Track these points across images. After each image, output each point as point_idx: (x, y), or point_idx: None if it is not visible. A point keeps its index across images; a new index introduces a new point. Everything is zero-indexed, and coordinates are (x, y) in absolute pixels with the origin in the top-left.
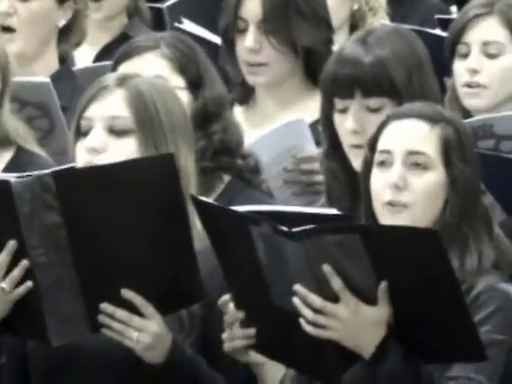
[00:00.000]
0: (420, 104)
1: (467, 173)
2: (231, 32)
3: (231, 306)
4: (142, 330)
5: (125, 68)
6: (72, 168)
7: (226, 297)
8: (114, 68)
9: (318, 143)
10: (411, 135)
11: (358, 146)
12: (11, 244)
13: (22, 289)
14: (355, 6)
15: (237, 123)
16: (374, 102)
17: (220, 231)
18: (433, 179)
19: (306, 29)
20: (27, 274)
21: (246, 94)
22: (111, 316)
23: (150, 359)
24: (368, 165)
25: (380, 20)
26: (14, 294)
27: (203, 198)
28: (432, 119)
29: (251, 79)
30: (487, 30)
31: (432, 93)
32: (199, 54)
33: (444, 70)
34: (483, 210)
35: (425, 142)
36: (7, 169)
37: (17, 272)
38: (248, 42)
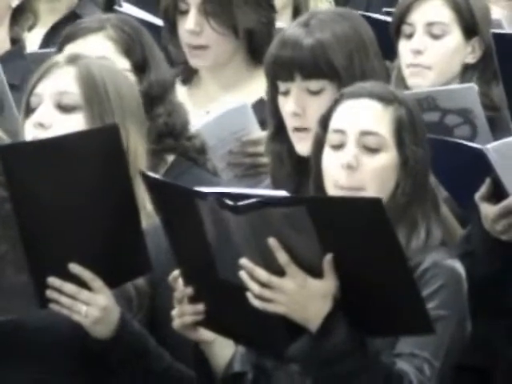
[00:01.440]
0: (373, 84)
1: (419, 154)
2: (172, 13)
3: (180, 281)
4: (91, 303)
5: (70, 49)
6: (17, 142)
7: (176, 272)
8: (59, 49)
9: (262, 123)
10: (365, 115)
11: (299, 129)
12: None
13: None
14: None
15: (182, 105)
16: (314, 85)
17: (168, 207)
18: (385, 160)
19: (247, 11)
20: None
21: (189, 74)
22: (59, 290)
23: (98, 333)
24: (319, 143)
25: (323, 2)
26: None
27: (151, 174)
28: (385, 99)
29: (193, 61)
30: (431, 10)
31: (375, 76)
32: (145, 37)
33: (389, 54)
34: (431, 189)
35: (378, 123)
36: None
37: None
38: (189, 24)
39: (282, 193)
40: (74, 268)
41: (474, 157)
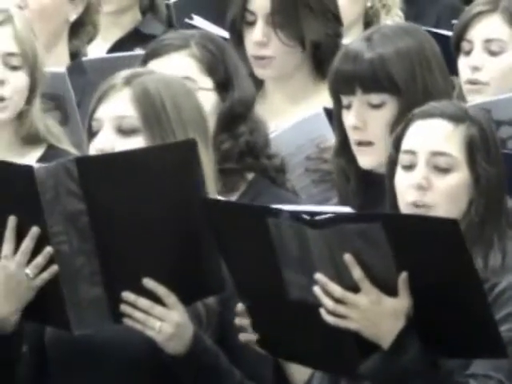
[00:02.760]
0: (445, 102)
1: (491, 172)
2: (239, 25)
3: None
4: (164, 319)
5: (153, 66)
6: (95, 154)
7: (242, 307)
8: (142, 65)
9: None
10: (435, 135)
11: (361, 143)
12: (34, 230)
13: (46, 274)
14: (368, 3)
15: (263, 122)
16: (374, 98)
17: (231, 231)
18: (456, 180)
19: (314, 23)
20: (49, 262)
21: (255, 87)
22: (133, 305)
23: (172, 349)
24: (392, 164)
25: (394, 18)
26: (38, 280)
27: (213, 197)
28: (456, 118)
29: (259, 72)
30: (490, 27)
31: (439, 91)
32: (229, 54)
33: (456, 70)
34: (506, 207)
35: (449, 142)
36: None
37: (41, 258)
38: (256, 35)
39: (347, 209)
40: (149, 283)
41: None
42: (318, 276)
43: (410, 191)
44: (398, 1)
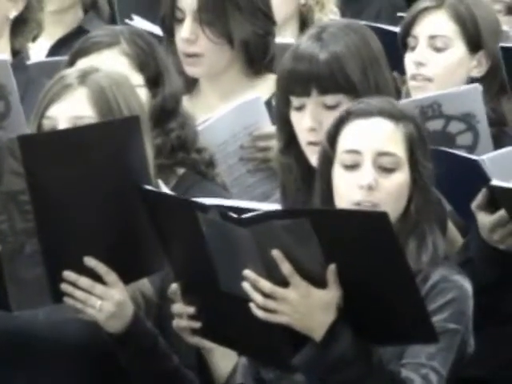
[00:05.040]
0: (378, 100)
1: (429, 169)
2: (169, 22)
3: (179, 296)
4: (105, 298)
5: (83, 63)
6: (37, 133)
7: (174, 286)
8: (71, 62)
9: None
10: (379, 135)
11: (315, 143)
12: None
13: None
14: (302, 1)
15: (191, 116)
16: (330, 99)
17: (165, 221)
18: (400, 178)
19: (242, 21)
20: None
21: (188, 84)
22: (74, 284)
23: (112, 328)
24: (328, 161)
25: (328, 15)
26: None
27: (149, 187)
28: (395, 117)
29: (188, 70)
30: (435, 23)
31: (387, 88)
32: (158, 50)
33: (397, 65)
34: (437, 202)
35: (392, 142)
36: None
37: None
38: (184, 32)
39: (277, 206)
40: (90, 261)
41: (471, 167)
42: (247, 272)
43: (356, 191)
44: None
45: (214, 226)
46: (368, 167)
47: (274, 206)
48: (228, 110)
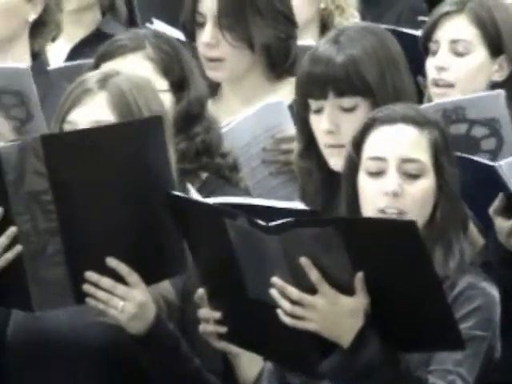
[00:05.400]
0: (405, 106)
1: (455, 175)
2: (191, 26)
3: (205, 301)
4: (127, 298)
5: (107, 67)
6: (60, 132)
7: (201, 291)
8: (95, 66)
9: None
10: (403, 142)
11: (333, 146)
12: None
13: (10, 254)
14: (322, 5)
15: (216, 120)
16: (347, 102)
17: (193, 226)
18: (425, 185)
19: (263, 25)
20: (12, 242)
21: (211, 88)
22: (96, 285)
23: (134, 330)
24: (353, 167)
25: (349, 19)
26: (1, 261)
27: (177, 193)
28: (419, 123)
29: (209, 74)
30: (456, 27)
31: (406, 91)
32: (183, 54)
33: (420, 69)
34: (462, 208)
35: (417, 148)
36: None
37: (4, 239)
38: (204, 37)
39: (300, 205)
40: (111, 262)
41: (488, 173)
42: (275, 279)
43: (381, 198)
44: (354, 2)
45: (242, 232)
46: (393, 174)
47: (299, 206)
48: (250, 112)
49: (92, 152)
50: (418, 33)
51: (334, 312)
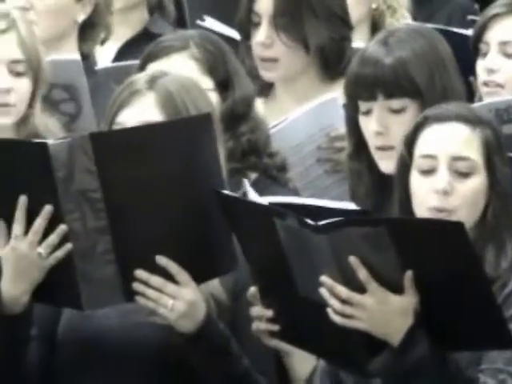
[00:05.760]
0: (457, 105)
1: (507, 174)
2: (246, 26)
3: (258, 300)
4: (177, 297)
5: (153, 68)
6: (109, 130)
7: (254, 290)
8: (141, 67)
9: None
10: (455, 140)
11: (383, 148)
12: (47, 209)
13: (60, 252)
14: (373, 5)
15: (263, 120)
16: (396, 103)
17: (244, 225)
18: (476, 183)
19: (318, 27)
20: (62, 240)
21: (264, 87)
22: (145, 283)
23: (183, 329)
24: (405, 166)
25: (400, 20)
26: (51, 259)
27: (227, 192)
28: (472, 122)
29: (264, 74)
30: (506, 29)
31: (455, 92)
32: (228, 54)
33: (470, 69)
34: None
35: (468, 147)
36: None
37: (54, 237)
38: (259, 36)
39: (352, 206)
40: (161, 260)
41: None
42: (324, 278)
43: (432, 196)
44: (405, 2)
45: (292, 231)
46: (443, 172)
47: (351, 206)
48: (304, 111)
49: (141, 150)
50: (469, 32)
51: (383, 311)
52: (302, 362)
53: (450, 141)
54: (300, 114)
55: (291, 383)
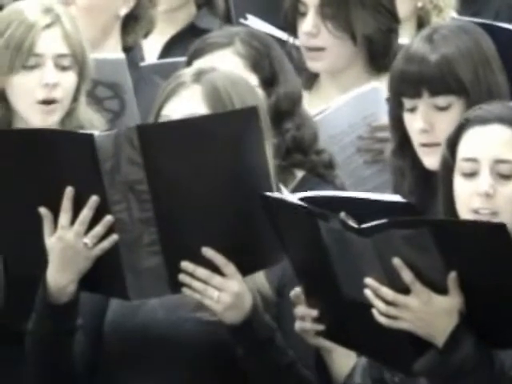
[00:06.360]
0: (497, 106)
1: None
2: (292, 16)
3: (303, 300)
4: (223, 289)
5: (198, 64)
6: (156, 122)
7: (298, 290)
8: (188, 63)
9: None
10: (496, 142)
11: (427, 145)
12: (93, 199)
13: (106, 243)
14: (419, 4)
15: (310, 117)
16: (441, 101)
17: (287, 227)
18: None
19: (365, 17)
20: (108, 230)
21: (310, 79)
22: (192, 275)
23: (230, 320)
24: (448, 168)
25: (446, 19)
26: (97, 250)
27: (270, 193)
28: None
29: (310, 64)
30: None
31: (500, 89)
32: (274, 50)
33: None
34: None
35: (510, 149)
36: None
37: (100, 228)
38: (306, 25)
39: (397, 197)
40: (207, 252)
41: None
42: (369, 280)
43: (474, 198)
44: (452, 2)
45: (335, 234)
46: (485, 175)
47: (398, 198)
48: (345, 100)
49: (187, 142)
50: None
51: (427, 312)
52: (343, 359)
53: (492, 143)
54: (341, 103)
55: (331, 379)
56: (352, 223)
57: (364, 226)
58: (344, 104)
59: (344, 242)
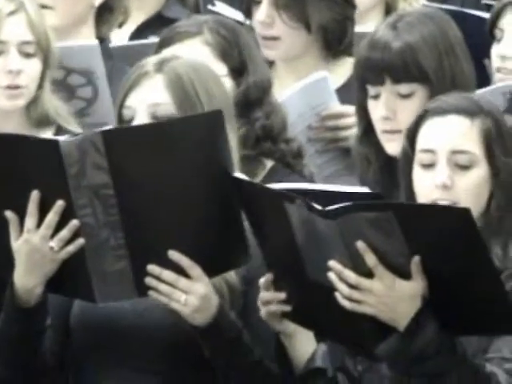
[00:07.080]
0: (457, 96)
1: (510, 164)
2: (248, 4)
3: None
4: (190, 291)
5: (167, 53)
6: (120, 126)
7: (269, 276)
8: (156, 53)
9: None
10: (453, 133)
11: (390, 131)
12: (59, 204)
13: (72, 247)
14: None
15: (280, 105)
16: (404, 89)
17: (256, 209)
18: (477, 175)
19: (320, 7)
20: (74, 234)
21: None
22: (158, 278)
23: (197, 322)
24: (408, 159)
25: (413, 4)
26: (63, 253)
27: (240, 176)
28: (471, 113)
29: (265, 52)
30: None
31: (464, 77)
32: (243, 38)
33: (485, 52)
34: None
35: (467, 139)
36: None
37: (66, 232)
38: (260, 15)
39: (365, 189)
40: (173, 255)
41: None
42: (332, 263)
43: (433, 190)
44: None
45: (301, 215)
46: (442, 166)
47: (365, 189)
48: (294, 90)
49: (151, 146)
50: (484, 15)
51: (390, 296)
52: (303, 345)
53: (449, 134)
54: (290, 93)
55: (291, 366)
56: (316, 205)
57: (329, 208)
58: (292, 94)
59: (309, 224)
